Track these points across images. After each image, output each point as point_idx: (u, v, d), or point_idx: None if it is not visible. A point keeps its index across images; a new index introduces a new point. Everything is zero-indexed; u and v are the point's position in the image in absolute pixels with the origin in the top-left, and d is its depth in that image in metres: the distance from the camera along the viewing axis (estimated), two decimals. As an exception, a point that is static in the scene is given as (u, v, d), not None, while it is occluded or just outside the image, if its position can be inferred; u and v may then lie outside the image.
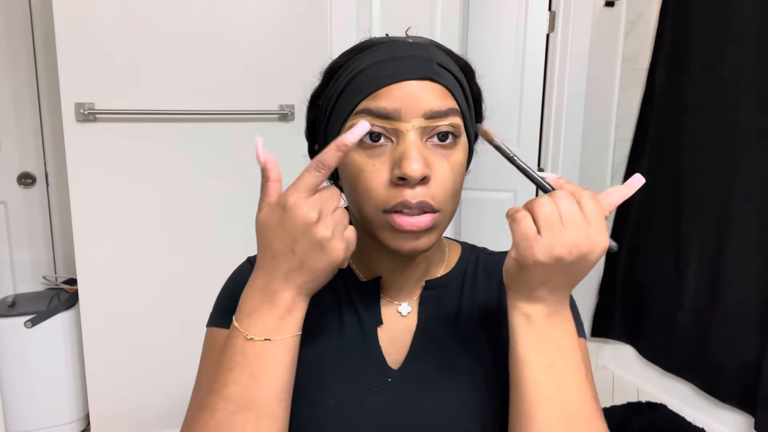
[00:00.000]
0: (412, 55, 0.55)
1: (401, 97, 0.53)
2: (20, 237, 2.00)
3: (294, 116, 1.80)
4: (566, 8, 2.13)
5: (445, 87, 0.55)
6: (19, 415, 1.82)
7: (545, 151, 2.25)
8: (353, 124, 0.53)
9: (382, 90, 0.53)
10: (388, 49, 0.56)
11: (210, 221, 1.81)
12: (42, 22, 1.89)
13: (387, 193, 0.53)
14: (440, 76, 0.55)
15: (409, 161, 0.51)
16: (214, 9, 1.70)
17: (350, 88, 0.55)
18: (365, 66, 0.55)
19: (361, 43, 0.59)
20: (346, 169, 0.56)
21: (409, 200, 0.52)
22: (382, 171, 0.53)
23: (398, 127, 0.53)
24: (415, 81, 0.53)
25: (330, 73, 0.59)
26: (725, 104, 1.85)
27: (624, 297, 2.26)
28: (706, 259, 1.92)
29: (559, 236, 0.48)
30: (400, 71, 0.54)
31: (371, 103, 0.53)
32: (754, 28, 1.76)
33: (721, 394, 1.86)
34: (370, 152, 0.54)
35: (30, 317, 1.80)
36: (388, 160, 0.53)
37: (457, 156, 0.56)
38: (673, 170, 2.04)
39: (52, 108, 1.94)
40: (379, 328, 0.64)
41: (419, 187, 0.52)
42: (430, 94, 0.53)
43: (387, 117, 0.53)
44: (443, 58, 0.57)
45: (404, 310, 0.65)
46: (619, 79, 2.24)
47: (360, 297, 0.64)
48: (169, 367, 1.83)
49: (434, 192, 0.53)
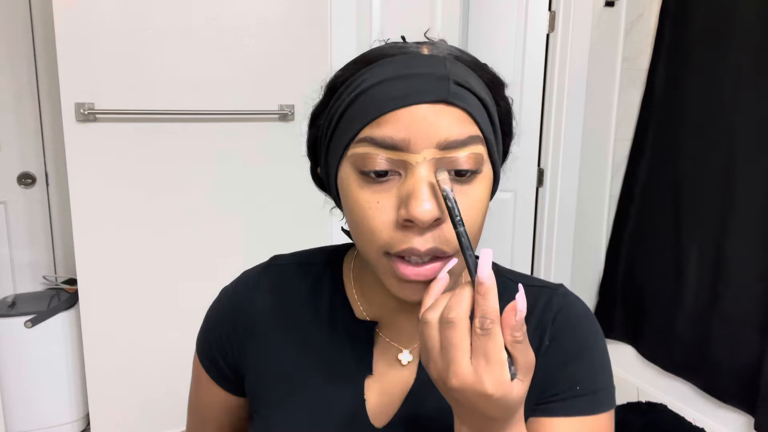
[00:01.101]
0: (425, 72, 0.46)
1: (410, 125, 0.45)
2: (20, 237, 2.00)
3: (294, 116, 1.80)
4: (566, 8, 2.13)
5: (464, 110, 0.46)
6: (19, 415, 1.82)
7: (545, 150, 2.25)
8: (356, 153, 0.47)
9: (387, 115, 0.45)
10: (397, 64, 0.47)
11: (210, 221, 1.81)
12: (42, 22, 1.89)
13: (392, 236, 0.46)
14: (458, 97, 0.46)
15: (418, 201, 0.43)
16: (214, 9, 1.70)
17: (352, 111, 0.48)
18: (369, 85, 0.47)
19: (368, 53, 0.50)
20: (347, 202, 0.49)
21: (418, 248, 0.45)
22: (387, 209, 0.46)
23: (406, 159, 0.45)
24: (428, 105, 0.45)
25: (331, 89, 0.52)
26: (725, 104, 1.85)
27: (624, 297, 2.25)
28: (706, 259, 1.91)
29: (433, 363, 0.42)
30: (409, 92, 0.45)
31: (375, 131, 0.46)
32: (754, 28, 1.76)
33: (721, 394, 1.86)
34: (375, 187, 0.46)
35: (30, 317, 1.80)
36: (395, 196, 0.46)
37: (479, 190, 0.47)
38: (673, 170, 2.04)
39: (52, 108, 1.94)
40: (369, 378, 0.56)
41: (430, 230, 0.45)
42: (446, 120, 0.45)
43: (393, 148, 0.45)
44: (463, 74, 0.47)
45: (405, 359, 0.56)
46: (619, 79, 2.24)
47: (354, 337, 0.57)
48: (169, 367, 1.83)
49: (448, 235, 0.45)
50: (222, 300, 0.65)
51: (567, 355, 0.56)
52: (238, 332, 0.61)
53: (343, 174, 0.49)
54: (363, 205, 0.47)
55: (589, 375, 0.56)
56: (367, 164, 0.46)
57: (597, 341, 0.58)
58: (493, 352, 0.40)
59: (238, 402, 0.66)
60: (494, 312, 0.40)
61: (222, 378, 0.64)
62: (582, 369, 0.56)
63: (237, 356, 0.62)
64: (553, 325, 0.57)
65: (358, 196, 0.47)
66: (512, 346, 0.41)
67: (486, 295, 0.40)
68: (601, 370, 0.57)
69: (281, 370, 0.59)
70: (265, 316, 0.61)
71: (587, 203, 2.29)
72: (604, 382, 0.56)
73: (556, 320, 0.57)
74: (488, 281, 0.41)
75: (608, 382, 0.57)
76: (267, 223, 1.86)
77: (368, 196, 0.46)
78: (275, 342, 0.60)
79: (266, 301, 0.61)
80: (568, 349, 0.56)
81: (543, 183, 2.26)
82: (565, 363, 0.56)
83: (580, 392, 0.55)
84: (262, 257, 0.66)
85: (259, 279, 0.63)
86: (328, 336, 0.58)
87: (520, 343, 0.41)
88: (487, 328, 0.40)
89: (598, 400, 0.55)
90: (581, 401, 0.54)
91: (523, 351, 0.41)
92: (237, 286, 0.64)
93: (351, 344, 0.57)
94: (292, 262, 0.64)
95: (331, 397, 0.56)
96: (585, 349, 0.56)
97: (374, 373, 0.57)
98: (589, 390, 0.55)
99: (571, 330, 0.57)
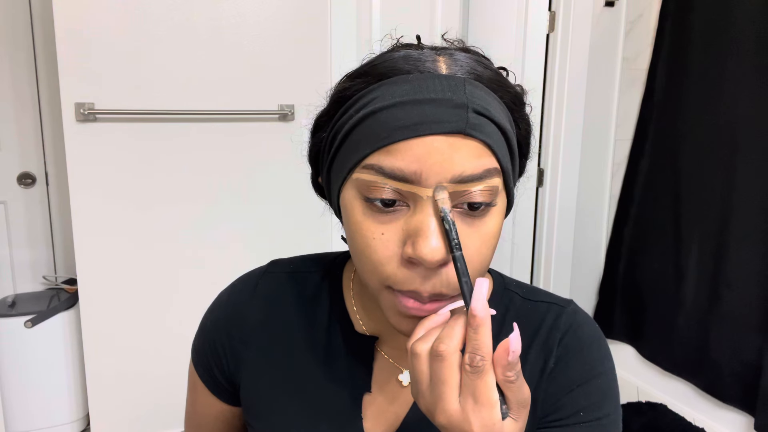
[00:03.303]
0: (442, 98, 0.42)
1: (423, 157, 0.41)
2: (20, 237, 2.00)
3: (294, 116, 1.80)
4: (566, 8, 2.13)
5: (482, 143, 0.42)
6: (19, 415, 1.82)
7: (545, 150, 2.25)
8: (361, 179, 0.43)
9: (398, 144, 0.41)
10: (411, 85, 0.43)
11: (210, 221, 1.81)
12: (42, 22, 1.89)
13: (395, 273, 0.43)
14: (477, 128, 0.42)
15: (427, 240, 0.40)
16: (214, 9, 1.70)
17: (360, 132, 0.44)
18: (381, 106, 0.43)
19: (379, 64, 0.46)
20: (349, 226, 0.46)
21: (421, 291, 0.42)
22: (392, 243, 0.43)
23: (416, 192, 0.42)
24: (443, 136, 0.41)
25: (337, 101, 0.48)
26: (725, 104, 1.85)
27: (624, 297, 2.26)
28: (706, 259, 1.91)
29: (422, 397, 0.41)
30: (423, 120, 0.41)
31: (384, 159, 0.42)
32: (754, 28, 1.76)
33: (721, 394, 1.86)
34: (381, 217, 0.43)
35: (30, 317, 1.80)
36: (401, 229, 0.43)
37: (491, 225, 0.44)
38: (673, 170, 2.04)
39: (52, 108, 1.94)
40: (368, 396, 0.54)
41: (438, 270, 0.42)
42: (462, 153, 0.41)
43: (402, 180, 0.42)
44: (483, 100, 0.43)
45: (405, 380, 0.54)
46: (619, 79, 2.24)
47: (353, 352, 0.55)
48: (169, 367, 1.83)
49: (452, 280, 0.43)
50: (217, 307, 0.63)
51: (573, 380, 0.53)
52: (233, 342, 0.59)
53: (347, 197, 0.46)
54: (366, 235, 0.44)
55: (595, 401, 0.53)
56: (373, 192, 0.43)
57: (605, 366, 0.55)
58: (483, 392, 0.37)
59: (234, 411, 0.65)
60: (486, 348, 0.38)
61: (217, 387, 0.62)
62: (587, 395, 0.53)
63: (232, 366, 0.60)
64: (559, 346, 0.54)
65: (362, 225, 0.44)
66: (504, 385, 0.39)
67: (478, 329, 0.38)
68: (607, 396, 0.54)
69: (276, 383, 0.57)
70: (260, 326, 0.59)
71: (587, 203, 2.29)
72: (609, 408, 0.54)
73: (564, 341, 0.55)
74: (481, 314, 0.38)
75: (613, 408, 0.54)
76: (267, 222, 1.86)
77: (372, 226, 0.43)
78: (270, 353, 0.58)
79: (262, 310, 0.59)
80: (574, 374, 0.54)
81: (543, 183, 2.26)
82: (570, 388, 0.53)
83: (583, 419, 0.52)
84: (263, 257, 0.66)
85: (256, 286, 0.61)
86: (325, 349, 0.56)
87: (513, 383, 0.39)
88: (477, 366, 0.37)
89: (602, 427, 0.53)
90: (584, 428, 0.52)
91: (516, 390, 0.39)
92: (232, 293, 0.62)
93: (349, 359, 0.55)
94: (290, 270, 0.62)
95: (327, 413, 0.54)
96: (592, 376, 0.54)
97: (372, 391, 0.54)
98: (593, 417, 0.53)
99: (578, 352, 0.55)
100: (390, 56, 0.46)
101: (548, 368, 0.54)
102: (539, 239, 2.32)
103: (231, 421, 0.66)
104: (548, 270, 2.30)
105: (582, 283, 2.35)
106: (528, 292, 0.58)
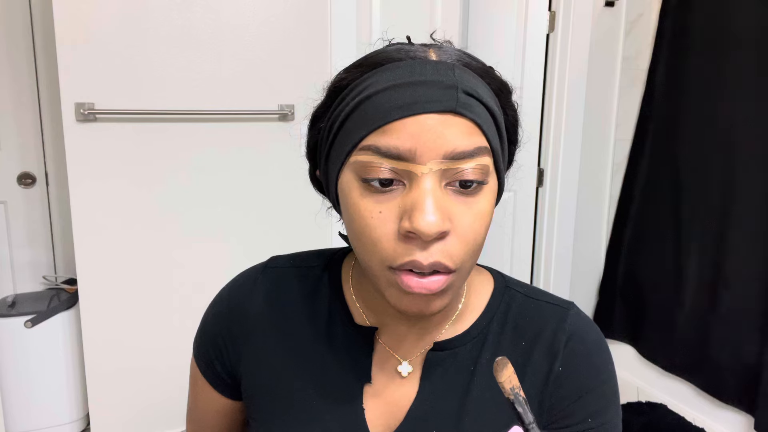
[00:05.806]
0: (433, 79, 0.45)
1: (417, 135, 0.43)
2: (20, 237, 2.00)
3: (294, 116, 1.80)
4: (566, 8, 2.13)
5: (472, 121, 0.45)
6: (19, 415, 1.82)
7: (545, 151, 2.25)
8: (358, 161, 0.45)
9: (393, 124, 0.44)
10: (404, 70, 0.46)
11: (210, 221, 1.81)
12: (42, 22, 1.89)
13: (395, 249, 0.44)
14: (467, 107, 0.44)
15: (423, 214, 0.42)
16: (214, 9, 1.70)
17: (356, 116, 0.46)
18: (375, 90, 0.45)
19: (373, 56, 0.49)
20: (348, 210, 0.47)
21: (421, 262, 0.44)
22: (389, 220, 0.44)
23: (411, 170, 0.44)
24: (435, 114, 0.44)
25: (334, 91, 0.50)
26: (725, 104, 1.85)
27: (624, 297, 2.26)
28: (706, 259, 1.92)
29: None
30: (416, 101, 0.44)
31: (380, 139, 0.44)
32: (754, 28, 1.76)
33: (721, 394, 1.86)
34: (378, 197, 0.45)
35: (30, 317, 1.80)
36: (398, 207, 0.44)
37: (483, 203, 0.46)
38: (673, 170, 2.04)
39: (52, 108, 1.94)
40: (369, 387, 0.55)
41: (434, 243, 0.44)
42: (454, 130, 0.44)
43: (398, 158, 0.44)
44: (472, 83, 0.46)
45: (405, 371, 0.55)
46: (619, 79, 2.24)
47: (353, 343, 0.56)
48: (169, 367, 1.83)
49: (452, 250, 0.44)
50: (218, 302, 0.63)
51: (581, 387, 0.54)
52: (234, 336, 0.60)
53: (344, 181, 0.47)
54: (364, 215, 0.45)
55: (602, 406, 0.54)
56: (370, 173, 0.44)
57: (609, 371, 0.56)
58: None
59: (236, 406, 0.65)
60: None
61: (218, 381, 0.63)
62: (596, 401, 0.54)
63: (233, 360, 0.61)
64: (565, 349, 0.55)
65: (360, 206, 0.45)
66: None
67: None
68: (611, 401, 0.55)
69: (277, 377, 0.58)
70: (261, 320, 0.59)
71: (587, 203, 2.29)
72: (612, 412, 0.55)
73: (569, 344, 0.55)
74: None
75: (615, 411, 0.56)
76: (267, 222, 1.86)
77: (370, 205, 0.45)
78: (271, 347, 0.58)
79: (263, 304, 0.60)
80: (582, 380, 0.54)
81: (543, 183, 2.26)
82: (579, 395, 0.54)
83: (591, 424, 0.53)
84: (263, 256, 0.66)
85: (257, 281, 0.62)
86: (325, 342, 0.56)
87: None
88: None
89: (607, 431, 0.54)
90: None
91: None
92: (233, 288, 0.63)
93: (349, 350, 0.55)
94: (290, 264, 0.63)
95: (329, 405, 0.55)
96: (599, 381, 0.55)
97: (373, 382, 0.55)
98: (599, 422, 0.54)
99: (586, 358, 0.55)
100: (383, 50, 0.49)
101: (555, 372, 0.54)
102: (539, 239, 2.32)
103: (232, 415, 0.67)
104: (548, 270, 2.30)
105: (582, 283, 2.35)
106: (529, 291, 0.59)
